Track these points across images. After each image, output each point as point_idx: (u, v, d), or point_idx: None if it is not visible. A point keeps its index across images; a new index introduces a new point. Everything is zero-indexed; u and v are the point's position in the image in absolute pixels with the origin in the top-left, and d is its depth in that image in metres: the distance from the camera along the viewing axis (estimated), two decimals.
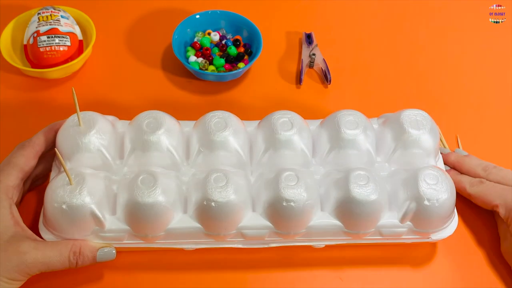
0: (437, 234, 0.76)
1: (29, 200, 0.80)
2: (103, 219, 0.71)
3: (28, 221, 0.78)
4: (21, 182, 0.74)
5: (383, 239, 0.77)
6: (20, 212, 0.73)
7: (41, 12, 0.95)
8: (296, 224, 0.73)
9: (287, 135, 0.76)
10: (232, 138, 0.76)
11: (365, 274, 0.79)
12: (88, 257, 0.71)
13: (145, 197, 0.70)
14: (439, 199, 0.72)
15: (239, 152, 0.77)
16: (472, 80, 1.02)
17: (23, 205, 0.78)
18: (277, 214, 0.72)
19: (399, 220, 0.75)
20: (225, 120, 0.77)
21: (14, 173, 0.72)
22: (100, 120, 0.77)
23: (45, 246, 0.69)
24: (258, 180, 0.76)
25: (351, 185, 0.72)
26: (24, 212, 0.76)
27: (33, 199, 0.81)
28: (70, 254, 0.70)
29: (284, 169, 0.74)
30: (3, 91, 0.94)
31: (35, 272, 0.69)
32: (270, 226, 0.74)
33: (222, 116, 0.78)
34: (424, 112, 0.80)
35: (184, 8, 1.08)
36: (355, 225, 0.74)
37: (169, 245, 0.75)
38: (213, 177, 0.72)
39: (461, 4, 1.14)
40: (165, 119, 0.77)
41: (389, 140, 0.79)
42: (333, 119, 0.79)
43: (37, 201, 0.81)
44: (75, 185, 0.70)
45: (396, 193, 0.75)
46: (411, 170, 0.75)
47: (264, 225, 0.74)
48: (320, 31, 1.06)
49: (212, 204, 0.70)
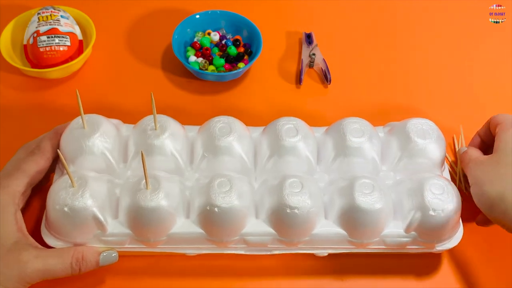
0: (442, 245, 0.76)
1: (32, 203, 0.80)
2: (105, 223, 0.71)
3: (31, 224, 0.77)
4: (29, 188, 0.74)
5: (387, 249, 0.76)
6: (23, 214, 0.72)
7: (41, 12, 0.95)
8: (300, 231, 0.73)
9: (292, 141, 0.76)
10: (236, 143, 0.76)
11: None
12: (92, 262, 0.71)
13: (147, 201, 0.69)
14: (444, 209, 0.72)
15: (243, 157, 0.77)
16: (472, 80, 1.03)
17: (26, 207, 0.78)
18: (281, 221, 0.72)
19: (404, 230, 0.74)
20: (230, 125, 0.77)
21: (24, 179, 0.72)
22: (104, 123, 0.76)
23: (47, 254, 0.69)
24: (262, 186, 0.76)
25: (355, 193, 0.72)
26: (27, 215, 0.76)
27: (36, 201, 0.80)
28: (73, 261, 0.69)
29: (288, 175, 0.74)
30: (3, 91, 0.94)
31: (36, 280, 0.68)
32: (273, 233, 0.73)
33: (226, 121, 0.77)
34: (431, 122, 0.80)
35: (184, 8, 1.07)
36: (359, 234, 0.74)
37: (171, 250, 0.75)
38: (217, 182, 0.72)
39: (461, 4, 1.15)
40: (170, 123, 0.77)
41: (395, 148, 0.79)
42: (338, 127, 0.79)
43: (40, 204, 0.80)
44: (77, 188, 0.70)
45: (401, 203, 0.75)
46: (416, 179, 0.75)
47: (267, 231, 0.73)
48: (320, 31, 1.06)
49: (215, 210, 0.70)
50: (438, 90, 1.00)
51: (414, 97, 0.99)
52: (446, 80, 1.02)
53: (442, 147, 0.79)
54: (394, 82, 1.02)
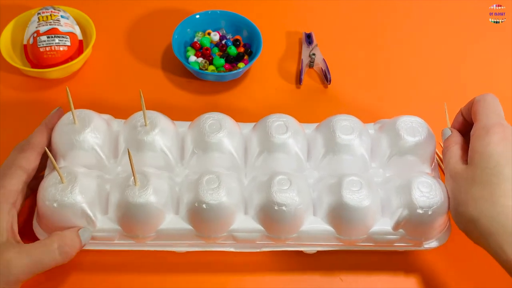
0: (430, 242, 0.76)
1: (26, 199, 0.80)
2: (94, 219, 0.71)
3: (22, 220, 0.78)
4: (25, 185, 0.73)
5: (375, 246, 0.76)
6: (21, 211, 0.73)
7: (41, 12, 0.95)
8: (288, 228, 0.73)
9: (282, 138, 0.76)
10: (226, 140, 0.76)
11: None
12: (76, 243, 0.70)
13: (136, 197, 0.70)
14: (432, 207, 0.71)
15: (233, 154, 0.76)
16: (472, 81, 1.02)
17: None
18: (269, 217, 0.72)
19: (392, 227, 0.74)
20: (220, 122, 0.77)
21: (17, 176, 0.72)
22: (95, 119, 0.77)
23: (30, 247, 0.67)
24: (252, 183, 0.76)
25: (343, 190, 0.72)
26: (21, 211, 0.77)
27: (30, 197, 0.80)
28: (59, 247, 0.68)
29: (277, 172, 0.73)
30: (3, 91, 0.95)
31: (26, 277, 0.67)
32: (261, 230, 0.73)
33: (217, 118, 0.77)
34: (421, 119, 0.80)
35: (184, 8, 1.08)
36: (347, 231, 0.74)
37: (160, 247, 0.75)
38: (205, 179, 0.72)
39: (461, 4, 1.14)
40: (160, 119, 0.77)
41: (385, 146, 0.79)
42: (328, 124, 0.78)
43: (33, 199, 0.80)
44: (67, 184, 0.70)
45: (390, 200, 0.75)
46: (405, 177, 0.75)
47: (256, 228, 0.73)
48: (320, 31, 1.06)
49: (203, 206, 0.70)
50: (439, 90, 1.00)
51: (414, 97, 0.99)
52: (446, 80, 1.01)
53: (432, 144, 0.79)
54: (394, 82, 1.01)
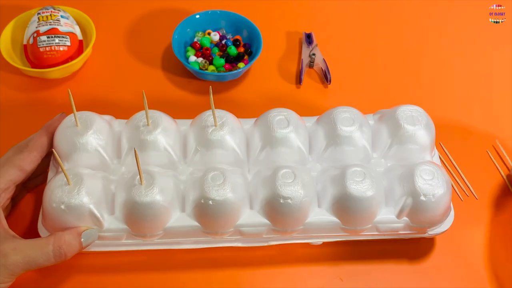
0: (434, 229, 0.77)
1: (28, 201, 0.81)
2: (101, 219, 0.71)
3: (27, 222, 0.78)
4: (13, 185, 0.73)
5: (380, 235, 0.77)
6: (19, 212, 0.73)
7: (41, 12, 0.96)
8: (294, 221, 0.73)
9: (284, 132, 0.76)
10: (228, 136, 0.76)
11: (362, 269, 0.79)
12: (75, 245, 0.70)
13: (142, 197, 0.70)
14: (435, 195, 0.72)
15: (236, 150, 0.77)
16: (472, 80, 1.02)
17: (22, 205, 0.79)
18: (275, 211, 0.72)
19: (396, 215, 0.75)
20: (221, 118, 0.77)
21: (5, 176, 0.72)
22: (97, 120, 0.77)
23: (26, 246, 0.67)
24: (255, 178, 0.76)
25: (347, 181, 0.72)
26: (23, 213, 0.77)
27: (32, 199, 0.81)
28: (55, 249, 0.68)
29: (281, 166, 0.74)
30: (3, 91, 0.95)
31: (20, 272, 0.67)
32: (267, 224, 0.74)
33: (218, 115, 0.77)
34: (420, 108, 0.80)
35: (184, 8, 1.08)
36: (352, 221, 0.74)
37: (168, 245, 0.76)
38: (210, 175, 0.72)
39: (461, 4, 1.14)
40: (162, 118, 0.77)
41: (385, 136, 0.79)
42: (329, 116, 0.79)
43: (36, 201, 0.81)
44: (73, 185, 0.70)
45: (393, 189, 0.75)
46: (407, 165, 0.76)
47: (262, 222, 0.74)
48: (320, 31, 1.06)
49: (209, 203, 0.70)
50: (439, 90, 1.00)
51: (414, 97, 0.99)
52: (446, 80, 1.02)
53: (432, 132, 0.79)
54: (394, 82, 1.01)
